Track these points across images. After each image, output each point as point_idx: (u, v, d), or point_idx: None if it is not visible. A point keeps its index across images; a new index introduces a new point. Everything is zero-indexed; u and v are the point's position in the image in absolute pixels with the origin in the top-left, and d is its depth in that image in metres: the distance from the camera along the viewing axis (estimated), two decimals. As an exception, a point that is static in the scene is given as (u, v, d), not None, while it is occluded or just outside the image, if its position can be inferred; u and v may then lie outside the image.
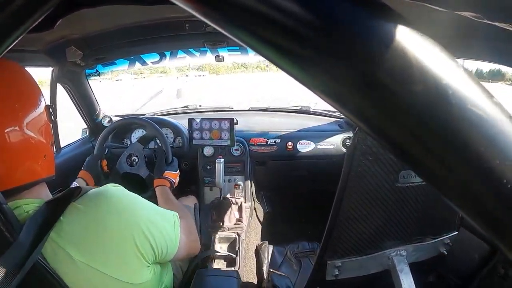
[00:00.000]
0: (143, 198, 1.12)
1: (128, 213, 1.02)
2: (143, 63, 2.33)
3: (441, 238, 1.48)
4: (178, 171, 2.03)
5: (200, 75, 78.18)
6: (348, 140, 2.62)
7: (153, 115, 2.99)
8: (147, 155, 2.16)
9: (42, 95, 1.06)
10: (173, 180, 1.93)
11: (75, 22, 1.41)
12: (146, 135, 2.34)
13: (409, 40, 0.25)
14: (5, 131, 0.90)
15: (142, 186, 2.10)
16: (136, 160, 2.15)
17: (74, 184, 1.81)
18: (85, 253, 0.94)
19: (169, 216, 1.19)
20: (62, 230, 0.93)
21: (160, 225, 1.11)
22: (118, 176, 2.11)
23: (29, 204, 0.95)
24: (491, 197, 0.28)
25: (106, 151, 2.30)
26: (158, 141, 2.46)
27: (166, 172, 1.93)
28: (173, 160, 2.08)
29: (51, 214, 0.92)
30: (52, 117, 1.08)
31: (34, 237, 0.87)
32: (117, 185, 1.08)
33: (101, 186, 1.07)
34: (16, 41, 0.48)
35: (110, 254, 0.98)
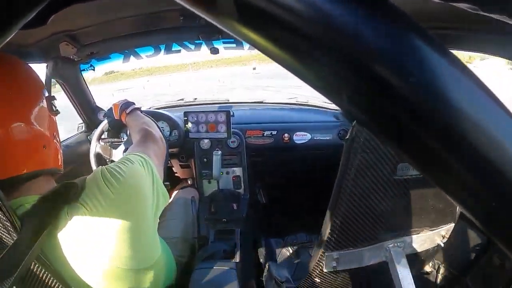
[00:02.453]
0: (124, 166, 1.08)
1: (131, 197, 1.02)
2: (138, 56, 2.32)
3: (438, 230, 1.49)
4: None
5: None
6: (343, 131, 2.63)
7: (149, 108, 2.98)
8: None
9: (44, 87, 1.07)
10: (117, 103, 1.79)
11: (68, 17, 1.40)
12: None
13: (404, 31, 0.25)
14: (1, 120, 0.90)
15: None
16: None
17: None
18: (96, 250, 0.95)
19: (146, 165, 1.16)
20: (68, 229, 0.92)
21: (153, 180, 1.14)
22: None
23: (30, 203, 0.93)
24: (487, 190, 0.28)
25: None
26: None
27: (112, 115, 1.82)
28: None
29: (49, 210, 0.91)
30: (54, 107, 1.07)
31: (32, 234, 0.86)
32: (102, 168, 1.05)
33: None
34: (9, 38, 0.48)
35: (120, 246, 0.98)
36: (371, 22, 0.25)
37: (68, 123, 2.72)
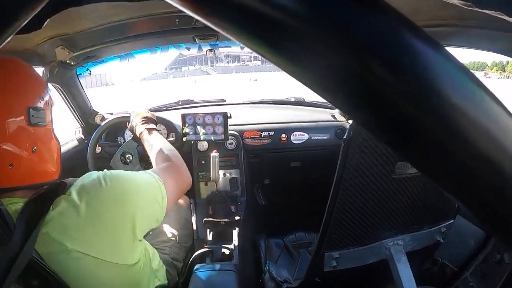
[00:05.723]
0: (128, 173, 1.11)
1: (122, 199, 1.03)
2: (134, 59, 2.32)
3: (437, 227, 1.50)
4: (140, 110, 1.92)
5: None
6: (340, 130, 2.64)
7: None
8: (141, 152, 2.15)
9: (26, 96, 1.00)
10: (143, 116, 1.82)
11: (63, 22, 1.39)
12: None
13: (398, 28, 0.25)
14: None
15: None
16: (131, 158, 2.14)
17: None
18: (80, 242, 0.95)
19: (155, 185, 1.16)
20: (54, 223, 0.93)
21: (150, 199, 1.12)
22: None
23: (16, 203, 0.95)
24: (487, 186, 0.28)
25: (100, 151, 2.29)
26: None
27: (133, 120, 1.85)
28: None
29: (37, 209, 0.92)
30: (32, 119, 0.99)
31: (23, 235, 0.87)
32: (103, 173, 1.06)
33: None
34: (4, 43, 0.48)
35: (106, 240, 0.99)
36: (363, 20, 0.25)
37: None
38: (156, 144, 1.60)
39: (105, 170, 1.07)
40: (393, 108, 0.26)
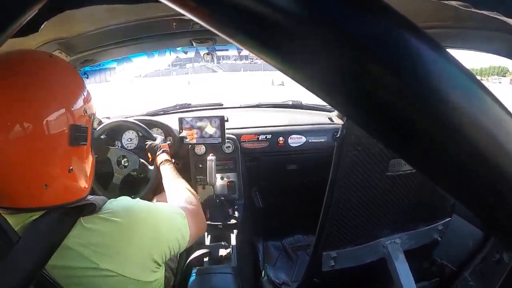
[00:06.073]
0: (158, 205, 1.15)
1: (155, 227, 1.06)
2: (131, 62, 2.33)
3: (434, 225, 1.50)
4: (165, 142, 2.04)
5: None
6: (337, 133, 2.64)
7: (143, 115, 2.96)
8: (136, 168, 2.16)
9: (69, 111, 0.90)
10: (167, 149, 1.93)
11: (61, 25, 1.39)
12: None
13: (399, 30, 0.26)
14: None
15: (102, 182, 2.20)
16: (126, 165, 2.15)
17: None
18: (112, 261, 0.95)
19: (180, 219, 1.19)
20: (86, 240, 0.92)
21: (176, 232, 1.15)
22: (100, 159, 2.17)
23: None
24: (487, 186, 0.28)
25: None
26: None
27: (158, 145, 1.94)
28: (156, 137, 2.09)
29: (61, 219, 0.89)
30: (75, 140, 0.91)
31: (43, 244, 0.84)
32: (132, 199, 1.09)
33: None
34: (0, 46, 0.48)
35: (136, 260, 1.00)
36: (362, 19, 0.25)
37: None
38: (178, 180, 1.65)
39: (137, 198, 1.10)
40: (393, 109, 0.26)
